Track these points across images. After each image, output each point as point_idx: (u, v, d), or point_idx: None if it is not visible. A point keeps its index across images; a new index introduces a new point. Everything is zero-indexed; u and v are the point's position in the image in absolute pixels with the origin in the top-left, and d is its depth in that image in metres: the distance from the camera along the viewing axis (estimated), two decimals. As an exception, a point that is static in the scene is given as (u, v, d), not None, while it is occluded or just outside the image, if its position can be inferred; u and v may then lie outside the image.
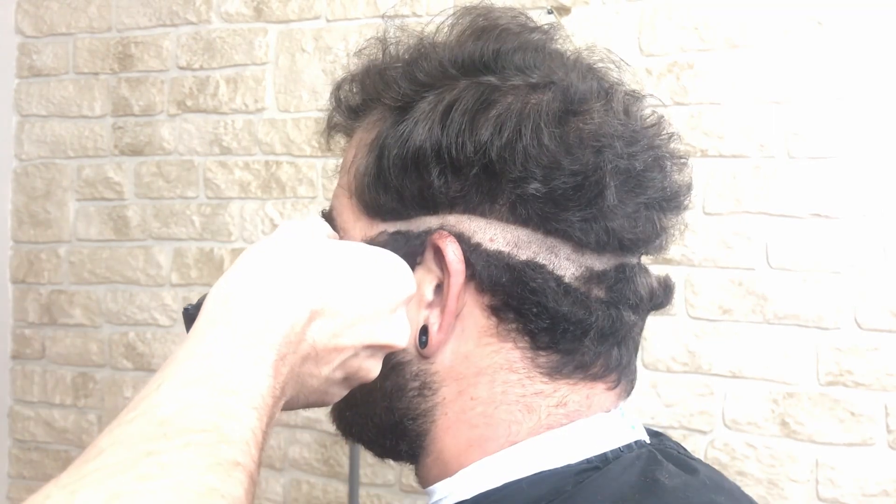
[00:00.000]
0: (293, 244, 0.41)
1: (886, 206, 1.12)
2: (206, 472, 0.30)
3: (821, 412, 1.14)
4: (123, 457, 0.30)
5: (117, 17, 1.55)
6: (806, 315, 1.15)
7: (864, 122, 1.13)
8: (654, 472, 0.44)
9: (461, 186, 0.45)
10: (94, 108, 1.56)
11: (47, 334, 1.59)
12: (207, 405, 0.33)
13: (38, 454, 1.60)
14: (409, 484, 1.35)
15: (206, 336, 0.36)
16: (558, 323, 0.45)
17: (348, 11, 1.39)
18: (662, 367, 1.22)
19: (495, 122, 0.44)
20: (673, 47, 1.22)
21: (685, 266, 1.21)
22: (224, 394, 0.33)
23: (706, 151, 1.20)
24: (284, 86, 1.43)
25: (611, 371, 0.48)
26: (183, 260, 1.49)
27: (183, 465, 0.30)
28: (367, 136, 0.50)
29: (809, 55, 1.15)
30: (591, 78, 0.48)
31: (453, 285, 0.44)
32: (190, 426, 0.32)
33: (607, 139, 0.44)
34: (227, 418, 0.33)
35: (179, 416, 0.32)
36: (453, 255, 0.44)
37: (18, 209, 1.61)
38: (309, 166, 1.41)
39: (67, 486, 0.29)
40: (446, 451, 0.47)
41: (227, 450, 0.32)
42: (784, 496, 1.15)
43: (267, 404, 0.35)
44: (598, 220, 0.44)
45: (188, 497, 0.29)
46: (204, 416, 0.32)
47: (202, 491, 0.30)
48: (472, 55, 0.47)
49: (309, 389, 0.41)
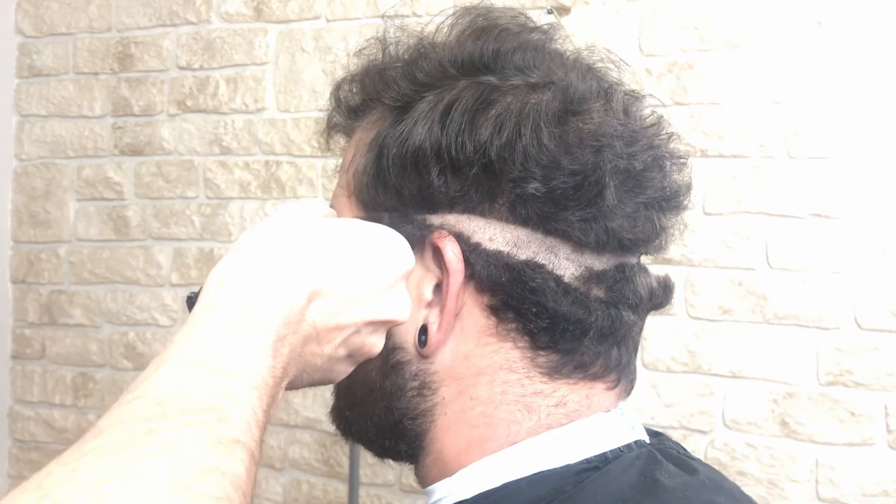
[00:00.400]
0: (290, 225, 0.41)
1: (886, 206, 1.12)
2: (207, 451, 0.30)
3: (821, 412, 1.14)
4: (123, 436, 0.30)
5: (117, 17, 1.55)
6: (806, 315, 1.15)
7: (864, 122, 1.13)
8: (653, 472, 0.44)
9: (461, 186, 0.45)
10: (94, 108, 1.56)
11: (47, 334, 1.59)
12: (206, 386, 0.33)
13: (38, 454, 1.60)
14: (409, 484, 1.35)
15: (203, 319, 0.36)
16: (558, 323, 0.45)
17: (348, 11, 1.39)
18: (662, 367, 1.22)
19: (495, 121, 0.44)
20: (673, 47, 1.22)
21: (685, 266, 1.21)
22: (223, 374, 0.34)
23: (706, 151, 1.20)
24: (284, 86, 1.43)
25: (610, 371, 0.48)
26: (183, 260, 1.49)
27: (183, 444, 0.30)
28: (366, 136, 0.50)
29: (809, 55, 1.15)
30: (590, 78, 0.48)
31: (452, 284, 0.44)
32: (189, 406, 0.32)
33: (607, 139, 0.44)
34: (227, 398, 0.33)
35: (178, 396, 0.32)
36: (452, 254, 0.44)
37: (18, 209, 1.61)
38: (309, 166, 1.41)
39: (68, 465, 0.29)
40: (446, 451, 0.47)
41: (226, 429, 0.32)
42: (784, 496, 1.15)
43: (267, 384, 0.35)
44: (597, 219, 0.44)
45: (188, 474, 0.29)
46: (203, 397, 0.32)
47: (203, 468, 0.30)
48: (471, 55, 0.47)
49: (313, 368, 0.41)
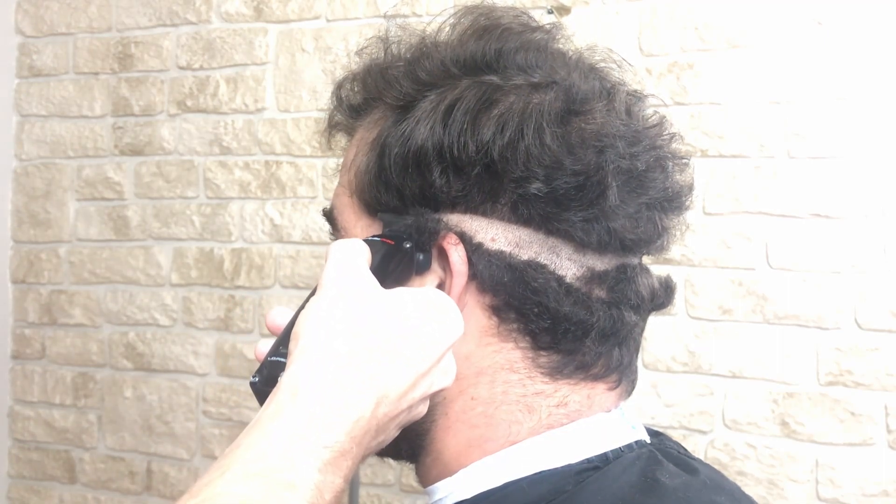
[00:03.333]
0: (352, 314, 0.40)
1: (886, 206, 1.12)
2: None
3: (821, 412, 1.14)
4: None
5: (117, 17, 1.55)
6: (806, 315, 1.15)
7: (864, 122, 1.13)
8: (654, 471, 0.44)
9: (463, 186, 0.45)
10: (94, 108, 1.56)
11: (47, 334, 1.59)
12: (267, 500, 0.33)
13: (38, 454, 1.60)
14: (409, 484, 1.35)
15: (269, 427, 0.36)
16: (559, 323, 0.45)
17: (348, 11, 1.39)
18: (662, 367, 1.22)
19: (497, 121, 0.44)
20: (673, 47, 1.22)
21: (685, 266, 1.21)
22: (283, 488, 0.34)
23: (706, 151, 1.20)
24: (284, 86, 1.43)
25: (612, 371, 0.48)
26: (183, 260, 1.49)
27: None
28: (368, 135, 0.50)
29: (809, 55, 1.15)
30: (593, 78, 0.48)
31: (455, 286, 0.44)
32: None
33: (609, 139, 0.44)
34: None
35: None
36: (458, 257, 0.44)
37: (18, 209, 1.61)
38: (309, 166, 1.41)
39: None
40: (446, 451, 0.47)
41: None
42: (784, 496, 1.15)
43: (325, 500, 0.35)
44: (599, 220, 0.44)
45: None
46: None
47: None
48: (474, 54, 0.47)
49: (368, 450, 0.41)
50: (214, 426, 1.47)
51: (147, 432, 1.52)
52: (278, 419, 0.36)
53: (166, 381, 1.51)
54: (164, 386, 1.51)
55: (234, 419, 1.46)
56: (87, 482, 1.56)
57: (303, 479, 0.35)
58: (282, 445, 0.35)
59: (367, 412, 0.38)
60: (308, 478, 0.35)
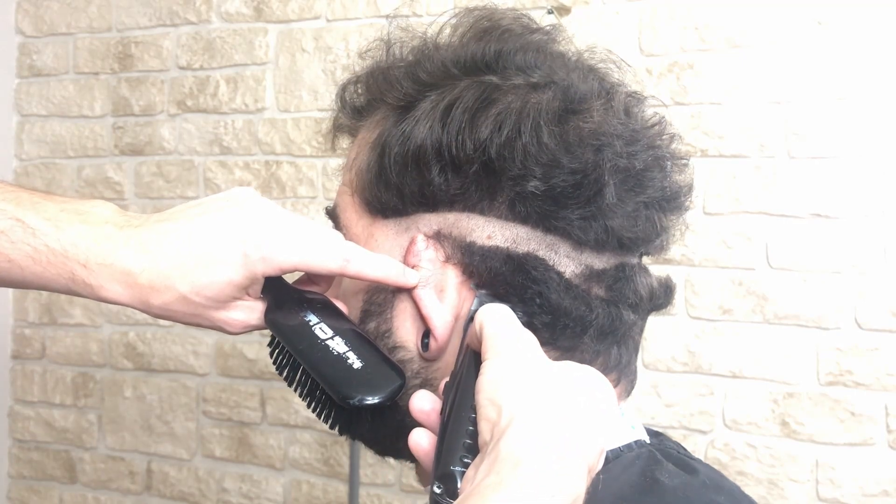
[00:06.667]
0: (547, 381, 0.39)
1: (886, 206, 1.12)
2: None
3: (821, 412, 1.14)
4: None
5: (117, 16, 1.55)
6: (806, 315, 1.15)
7: (864, 122, 1.13)
8: (654, 471, 0.44)
9: (461, 184, 0.45)
10: (94, 108, 1.56)
11: (47, 334, 1.59)
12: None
13: (38, 454, 1.60)
14: (409, 484, 1.35)
15: (491, 499, 0.34)
16: (559, 318, 0.45)
17: (348, 11, 1.39)
18: (662, 367, 1.22)
19: (495, 120, 0.44)
20: (673, 47, 1.22)
21: (685, 266, 1.21)
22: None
23: (706, 151, 1.20)
24: (284, 86, 1.43)
25: (610, 370, 0.48)
26: (183, 260, 1.49)
27: None
28: (369, 135, 0.50)
29: (809, 55, 1.15)
30: (592, 78, 0.49)
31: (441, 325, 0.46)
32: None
33: (607, 138, 0.44)
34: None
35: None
36: (427, 257, 0.46)
37: (18, 209, 1.61)
38: (309, 166, 1.41)
39: None
40: (447, 451, 0.47)
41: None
42: (784, 496, 1.15)
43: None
44: (597, 218, 0.44)
45: None
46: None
47: None
48: (474, 55, 0.48)
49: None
50: (214, 426, 1.47)
51: (147, 432, 1.52)
52: (502, 490, 0.34)
53: (166, 381, 1.51)
54: (164, 386, 1.51)
55: (234, 419, 1.46)
56: (87, 482, 1.56)
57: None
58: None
59: (581, 488, 0.36)
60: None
